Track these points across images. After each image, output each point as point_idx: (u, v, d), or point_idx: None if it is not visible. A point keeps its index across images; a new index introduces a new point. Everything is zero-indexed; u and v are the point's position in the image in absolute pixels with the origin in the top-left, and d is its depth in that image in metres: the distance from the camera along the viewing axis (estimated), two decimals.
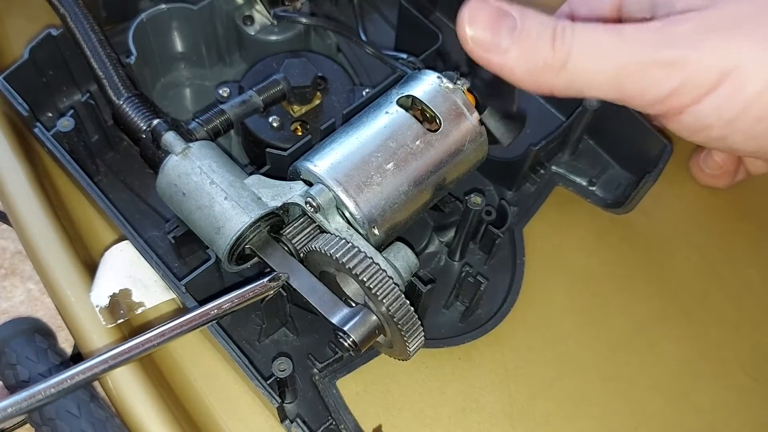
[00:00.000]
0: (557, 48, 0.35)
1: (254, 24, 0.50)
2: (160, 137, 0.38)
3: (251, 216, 0.35)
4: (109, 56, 0.42)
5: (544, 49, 0.35)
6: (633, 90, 0.35)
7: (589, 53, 0.35)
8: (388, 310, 0.33)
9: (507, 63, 0.36)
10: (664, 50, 0.34)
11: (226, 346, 0.37)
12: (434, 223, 0.45)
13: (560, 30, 0.35)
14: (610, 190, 0.48)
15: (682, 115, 0.36)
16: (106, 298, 0.39)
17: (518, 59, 0.35)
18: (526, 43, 0.35)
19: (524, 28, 0.35)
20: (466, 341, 0.41)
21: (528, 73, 0.36)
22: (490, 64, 0.36)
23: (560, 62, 0.35)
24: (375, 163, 0.36)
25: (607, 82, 0.35)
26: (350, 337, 0.34)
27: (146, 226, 0.44)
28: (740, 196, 0.49)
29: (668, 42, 0.34)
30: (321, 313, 0.34)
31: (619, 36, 0.35)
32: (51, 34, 0.44)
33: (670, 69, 0.34)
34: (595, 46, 0.35)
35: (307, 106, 0.46)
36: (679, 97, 0.35)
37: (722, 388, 0.42)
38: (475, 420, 0.40)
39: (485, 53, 0.36)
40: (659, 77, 0.34)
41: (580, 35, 0.35)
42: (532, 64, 0.35)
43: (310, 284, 0.35)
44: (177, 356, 0.41)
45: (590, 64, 0.35)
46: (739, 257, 0.47)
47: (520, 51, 0.35)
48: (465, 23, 0.36)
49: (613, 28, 0.35)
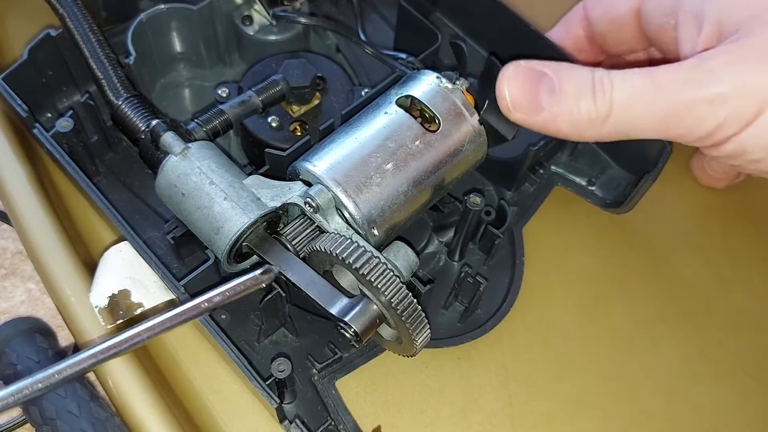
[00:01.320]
0: (599, 102, 0.36)
1: (253, 24, 0.50)
2: (159, 138, 0.38)
3: (250, 217, 0.35)
4: (108, 57, 0.42)
5: (586, 105, 0.36)
6: (679, 130, 0.36)
7: (631, 102, 0.36)
8: (391, 303, 0.33)
9: (551, 123, 0.37)
10: (703, 88, 0.35)
11: (225, 346, 0.37)
12: (433, 224, 0.45)
13: (599, 83, 0.36)
14: (609, 190, 0.48)
15: (724, 145, 0.37)
16: (105, 298, 0.39)
17: (562, 118, 0.36)
18: (568, 101, 0.36)
19: (563, 86, 0.36)
20: (465, 341, 0.41)
21: (573, 128, 0.37)
22: (535, 125, 0.37)
23: (604, 115, 0.36)
24: (374, 164, 0.36)
25: (652, 126, 0.36)
26: (351, 328, 0.33)
27: (145, 227, 0.44)
28: (740, 197, 0.49)
29: (707, 79, 0.35)
30: (320, 305, 0.34)
31: (654, 80, 0.36)
32: (50, 34, 0.44)
33: (713, 106, 0.35)
34: (636, 95, 0.36)
35: (306, 106, 0.46)
36: (724, 130, 0.36)
37: (722, 388, 0.42)
38: (475, 420, 0.40)
39: (529, 119, 0.37)
40: (702, 115, 0.35)
41: (618, 85, 0.36)
42: (576, 120, 0.36)
43: (309, 278, 0.35)
44: (177, 356, 0.41)
45: (633, 112, 0.36)
46: (739, 257, 0.47)
47: (563, 110, 0.36)
48: (504, 89, 0.37)
49: (648, 72, 0.36)
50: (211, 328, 0.37)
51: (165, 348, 0.41)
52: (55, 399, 0.42)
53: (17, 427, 0.68)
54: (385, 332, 0.37)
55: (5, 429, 0.68)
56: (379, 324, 0.35)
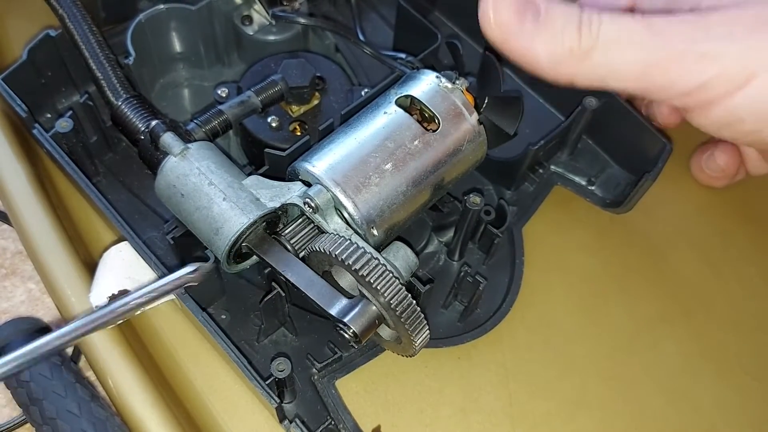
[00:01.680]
0: (584, 35, 0.35)
1: (253, 24, 0.50)
2: (159, 138, 0.38)
3: (250, 217, 0.35)
4: (108, 57, 0.42)
5: (570, 36, 0.35)
6: (661, 80, 0.35)
7: (618, 43, 0.35)
8: (390, 304, 0.33)
9: (531, 50, 0.35)
10: (699, 42, 0.34)
11: (225, 346, 0.37)
12: (433, 223, 0.45)
13: (587, 18, 0.35)
14: (609, 190, 0.48)
15: (712, 109, 0.36)
16: (105, 298, 0.39)
17: (543, 46, 0.35)
18: (552, 29, 0.35)
19: (549, 14, 0.35)
20: (465, 341, 0.41)
21: (552, 61, 0.35)
22: (513, 50, 0.36)
23: (586, 50, 0.35)
24: (373, 164, 0.36)
25: (634, 72, 0.35)
26: (350, 329, 0.33)
27: (145, 227, 0.44)
28: (740, 196, 0.49)
29: (702, 34, 0.34)
30: (320, 305, 0.34)
31: (650, 26, 0.35)
32: (49, 35, 0.44)
33: (703, 60, 0.34)
34: (625, 36, 0.35)
35: (305, 106, 0.46)
36: (710, 90, 0.35)
37: (723, 387, 0.42)
38: (474, 420, 0.40)
39: (508, 39, 0.35)
40: (691, 68, 0.34)
41: (608, 24, 0.35)
42: (558, 51, 0.35)
43: (308, 278, 0.35)
44: (177, 356, 0.41)
45: (617, 52, 0.35)
46: (740, 256, 0.47)
47: (545, 38, 0.35)
48: (489, 8, 0.35)
49: (642, 18, 0.35)
50: (211, 328, 0.37)
51: (165, 348, 0.41)
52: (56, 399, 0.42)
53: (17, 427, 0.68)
54: (385, 332, 0.37)
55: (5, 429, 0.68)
56: (379, 325, 0.35)
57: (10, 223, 0.56)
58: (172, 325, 0.41)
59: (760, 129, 0.36)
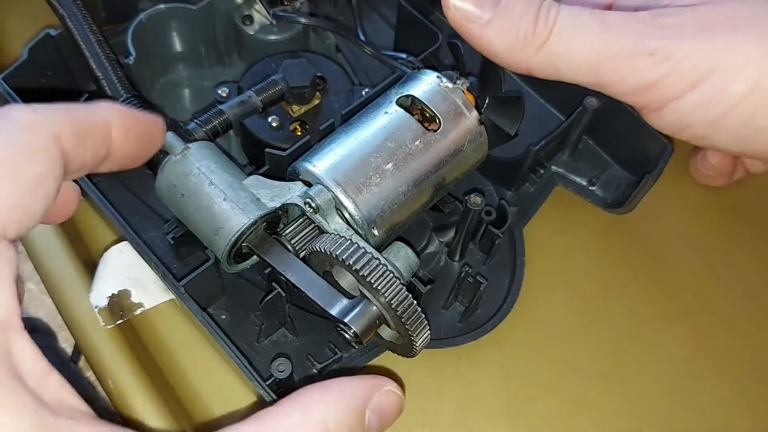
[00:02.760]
0: (540, 25, 0.35)
1: (253, 24, 0.50)
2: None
3: (250, 217, 0.35)
4: (108, 57, 0.42)
5: (526, 25, 0.35)
6: (613, 76, 0.35)
7: (571, 34, 0.35)
8: (391, 304, 0.33)
9: (487, 35, 0.36)
10: (648, 40, 0.34)
11: (225, 347, 0.36)
12: (434, 223, 0.45)
13: (545, 8, 0.35)
14: (610, 190, 0.48)
15: (663, 111, 0.36)
16: (105, 299, 0.39)
17: (499, 32, 0.35)
18: (509, 17, 0.35)
19: (508, 2, 0.35)
20: (466, 341, 0.41)
21: (507, 47, 0.36)
22: (471, 35, 0.36)
23: (541, 40, 0.35)
24: (374, 164, 0.36)
25: (585, 64, 0.35)
26: (351, 329, 0.33)
27: (145, 227, 0.43)
28: (740, 196, 0.49)
29: (654, 32, 0.34)
30: (320, 305, 0.34)
31: (603, 21, 0.35)
32: (50, 34, 0.44)
33: (653, 59, 0.34)
34: (578, 28, 0.35)
35: (306, 106, 0.46)
36: (660, 90, 0.35)
37: (723, 387, 0.42)
38: (475, 420, 0.40)
39: (467, 23, 0.36)
40: (641, 66, 0.34)
41: (564, 16, 0.35)
42: (513, 38, 0.35)
43: (309, 278, 0.35)
44: (177, 357, 0.41)
45: (571, 44, 0.35)
46: (740, 257, 0.47)
47: (502, 24, 0.35)
48: None
49: (598, 13, 0.35)
50: (211, 329, 0.37)
51: (165, 348, 0.41)
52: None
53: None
54: (385, 333, 0.37)
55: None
56: (379, 325, 0.34)
57: None
58: (173, 325, 0.41)
59: (710, 135, 0.36)
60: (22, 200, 0.25)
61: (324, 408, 0.27)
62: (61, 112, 0.28)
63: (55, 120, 0.27)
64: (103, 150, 0.30)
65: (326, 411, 0.27)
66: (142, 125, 0.32)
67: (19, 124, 0.26)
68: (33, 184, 0.26)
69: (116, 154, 0.31)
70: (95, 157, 0.29)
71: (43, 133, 0.26)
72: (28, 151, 0.26)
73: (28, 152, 0.26)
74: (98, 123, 0.29)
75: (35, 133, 0.26)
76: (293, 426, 0.26)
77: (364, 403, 0.28)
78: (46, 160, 0.26)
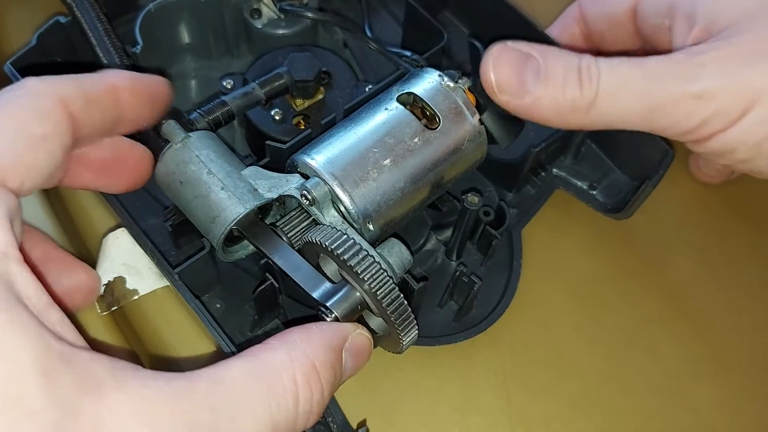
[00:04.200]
0: (585, 88, 0.35)
1: (262, 17, 0.50)
2: (161, 126, 0.39)
3: (246, 206, 0.36)
4: (115, 45, 0.43)
5: (572, 90, 0.35)
6: (664, 122, 0.36)
7: (617, 91, 0.35)
8: (376, 295, 0.33)
9: (535, 106, 0.36)
10: (692, 83, 0.35)
11: (217, 335, 0.37)
12: (432, 222, 0.45)
13: (585, 69, 0.35)
14: (610, 195, 0.47)
15: (710, 140, 0.36)
16: (101, 285, 0.40)
17: (546, 102, 0.36)
18: (554, 87, 0.36)
19: (549, 70, 0.36)
20: (458, 340, 0.41)
21: (557, 113, 0.36)
22: (518, 108, 0.37)
23: (588, 102, 0.35)
24: (372, 159, 0.36)
25: (637, 117, 0.36)
26: (333, 313, 0.33)
27: (145, 213, 0.44)
28: (740, 197, 0.49)
29: (696, 74, 0.35)
30: (303, 288, 0.34)
31: (645, 72, 0.35)
32: (59, 21, 0.45)
33: (700, 101, 0.35)
34: (622, 84, 0.35)
35: (309, 100, 0.46)
36: (710, 126, 0.35)
37: (722, 388, 0.42)
38: (473, 420, 0.40)
39: (514, 101, 0.36)
40: (690, 109, 0.35)
41: (605, 73, 0.35)
42: (561, 105, 0.36)
43: (294, 262, 0.35)
44: (170, 344, 0.41)
45: (619, 101, 0.35)
46: (739, 258, 0.47)
47: (548, 95, 0.36)
48: (489, 70, 0.36)
49: (637, 62, 0.36)
50: (204, 317, 0.37)
51: (158, 336, 0.41)
52: None
53: None
54: (373, 323, 0.37)
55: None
56: (361, 311, 0.34)
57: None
58: (167, 312, 0.41)
59: (751, 158, 0.37)
60: (25, 154, 0.28)
61: (309, 347, 0.29)
62: (67, 80, 0.31)
63: (62, 87, 0.30)
64: (113, 112, 0.33)
65: (311, 350, 0.29)
66: (149, 85, 0.35)
67: (28, 90, 0.29)
68: (36, 142, 0.28)
69: (128, 115, 0.34)
70: (105, 120, 0.32)
71: (50, 98, 0.29)
72: (34, 112, 0.29)
73: (33, 113, 0.28)
74: (105, 87, 0.32)
75: (42, 98, 0.29)
76: (283, 362, 0.28)
77: (341, 344, 0.31)
78: (51, 122, 0.29)
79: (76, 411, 0.22)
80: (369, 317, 0.36)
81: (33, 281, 0.25)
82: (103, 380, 0.24)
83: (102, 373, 0.24)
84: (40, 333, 0.23)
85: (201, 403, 0.25)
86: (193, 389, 0.25)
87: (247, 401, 0.26)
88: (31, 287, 0.25)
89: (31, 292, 0.25)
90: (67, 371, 0.23)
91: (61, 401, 0.22)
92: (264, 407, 0.26)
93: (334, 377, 0.30)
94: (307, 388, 0.28)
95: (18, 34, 0.52)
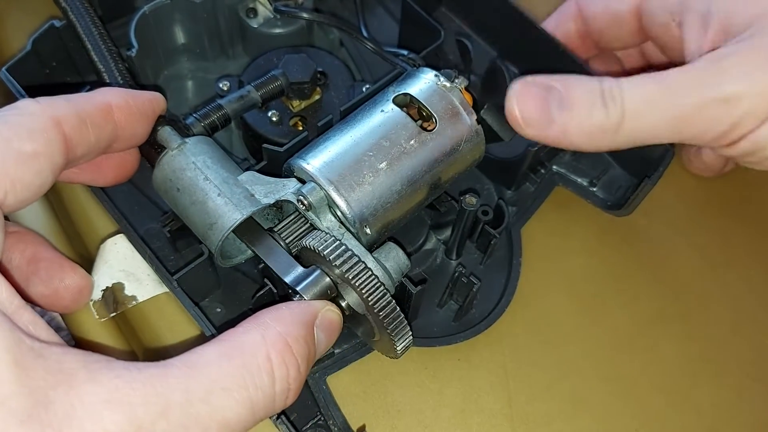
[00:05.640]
0: (610, 111, 0.36)
1: (257, 17, 0.50)
2: (157, 132, 0.39)
3: (243, 213, 0.36)
4: (110, 50, 0.42)
5: (598, 114, 0.36)
6: (695, 131, 0.36)
7: (643, 109, 0.36)
8: (374, 309, 0.33)
9: (563, 135, 0.37)
10: (717, 89, 0.35)
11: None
12: (431, 221, 0.44)
13: (608, 91, 0.36)
14: (610, 192, 0.47)
15: (741, 142, 0.37)
16: (99, 292, 0.40)
17: (574, 129, 0.36)
18: (578, 112, 0.36)
19: (572, 98, 0.36)
20: (458, 341, 0.41)
21: (586, 138, 0.37)
22: (547, 138, 0.37)
23: (616, 123, 0.36)
24: (368, 162, 0.36)
25: (666, 131, 0.36)
26: (302, 298, 0.34)
27: (144, 219, 0.44)
28: (740, 197, 0.49)
29: (721, 79, 0.35)
30: (276, 272, 0.35)
31: (668, 86, 0.36)
32: (54, 25, 0.45)
33: (728, 105, 0.35)
34: (648, 101, 0.36)
35: (306, 101, 0.46)
36: (740, 128, 0.36)
37: (722, 388, 0.42)
38: (474, 421, 0.40)
39: (542, 132, 0.37)
40: (719, 114, 0.35)
41: (628, 93, 0.36)
42: (589, 130, 0.36)
43: (271, 250, 0.36)
44: (171, 347, 0.41)
45: (646, 119, 0.36)
46: (739, 257, 0.46)
47: (575, 123, 0.36)
48: (514, 106, 0.37)
49: (659, 77, 0.36)
50: (203, 323, 0.37)
51: (159, 340, 0.41)
52: None
53: None
54: (351, 299, 0.37)
55: None
56: (331, 295, 0.35)
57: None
58: (167, 316, 0.41)
59: None
60: (12, 170, 0.28)
61: (280, 325, 0.29)
62: (61, 100, 0.31)
63: (55, 107, 0.31)
64: (107, 130, 0.33)
65: (283, 328, 0.29)
66: (144, 102, 0.35)
67: (21, 111, 0.30)
68: (25, 159, 0.29)
69: (123, 133, 0.34)
70: (100, 139, 0.33)
71: (43, 117, 0.30)
72: (25, 130, 0.29)
73: (24, 131, 0.29)
74: (98, 106, 0.33)
75: (35, 117, 0.30)
76: (256, 342, 0.28)
77: (312, 320, 0.31)
78: (42, 140, 0.29)
79: (47, 401, 0.23)
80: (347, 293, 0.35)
81: (5, 286, 0.26)
82: (75, 372, 0.24)
83: (74, 366, 0.24)
84: (11, 329, 0.24)
85: (175, 386, 0.25)
86: (166, 374, 0.25)
87: (223, 381, 0.26)
88: (3, 291, 0.26)
89: (3, 296, 0.26)
90: (39, 363, 0.24)
91: (32, 390, 0.23)
92: (240, 387, 0.27)
93: (308, 353, 0.30)
94: (282, 366, 0.28)
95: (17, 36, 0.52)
